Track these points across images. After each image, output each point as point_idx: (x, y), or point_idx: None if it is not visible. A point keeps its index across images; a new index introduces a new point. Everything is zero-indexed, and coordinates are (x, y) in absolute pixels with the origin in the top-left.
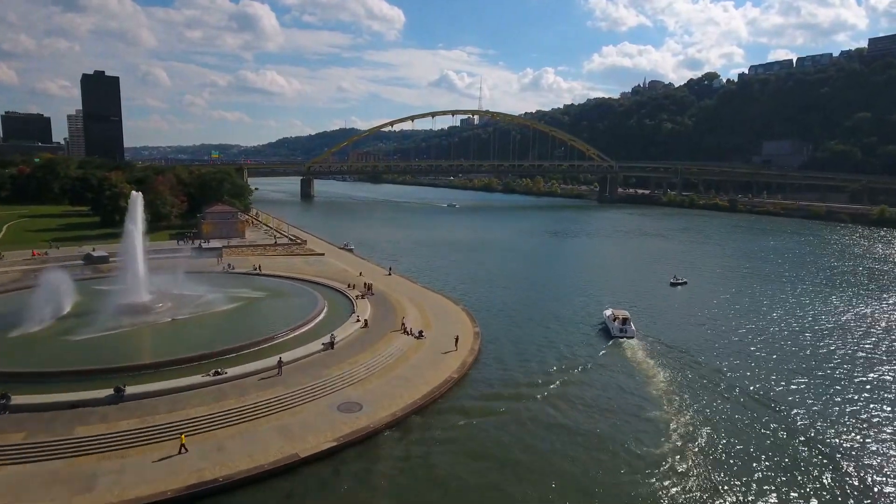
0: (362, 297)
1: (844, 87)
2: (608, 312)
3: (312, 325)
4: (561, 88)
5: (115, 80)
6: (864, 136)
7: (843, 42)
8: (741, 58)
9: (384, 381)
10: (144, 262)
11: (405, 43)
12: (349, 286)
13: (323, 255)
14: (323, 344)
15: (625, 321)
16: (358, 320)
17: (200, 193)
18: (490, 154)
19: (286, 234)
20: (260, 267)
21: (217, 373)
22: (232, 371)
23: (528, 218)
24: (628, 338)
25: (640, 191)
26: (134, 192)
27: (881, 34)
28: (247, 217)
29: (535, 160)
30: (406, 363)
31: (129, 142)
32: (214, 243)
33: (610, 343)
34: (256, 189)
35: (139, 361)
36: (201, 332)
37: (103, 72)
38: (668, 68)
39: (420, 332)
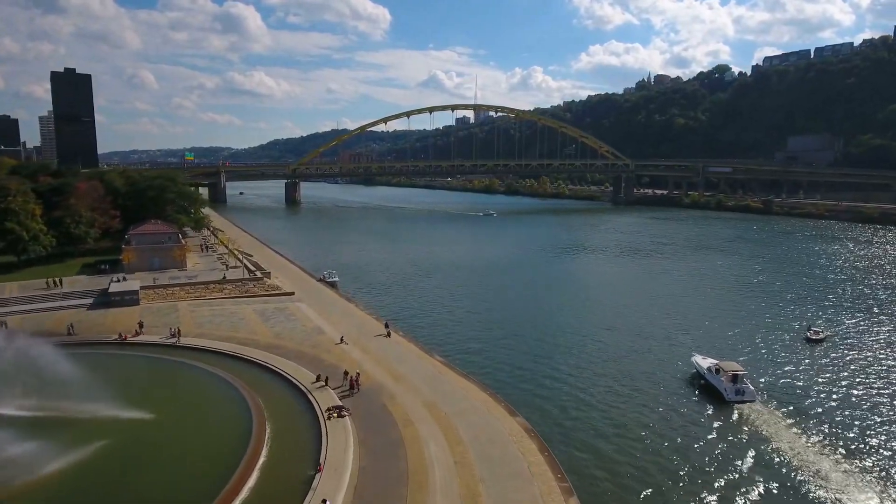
0: (338, 414)
1: (872, 77)
2: (705, 363)
3: None
4: (550, 87)
5: (87, 77)
6: None
7: (830, 38)
8: (727, 55)
9: None
10: None
11: (395, 44)
12: (318, 380)
13: (292, 294)
14: None
15: (735, 377)
16: None
17: (136, 206)
18: (490, 153)
19: (245, 261)
20: (179, 331)
21: None
22: None
23: (540, 225)
24: (747, 401)
25: (657, 191)
26: None
27: (867, 30)
28: (202, 235)
29: (540, 159)
30: None
31: (118, 145)
32: (130, 282)
33: (734, 417)
34: (242, 193)
35: None
36: None
37: (74, 69)
38: (657, 66)
39: None
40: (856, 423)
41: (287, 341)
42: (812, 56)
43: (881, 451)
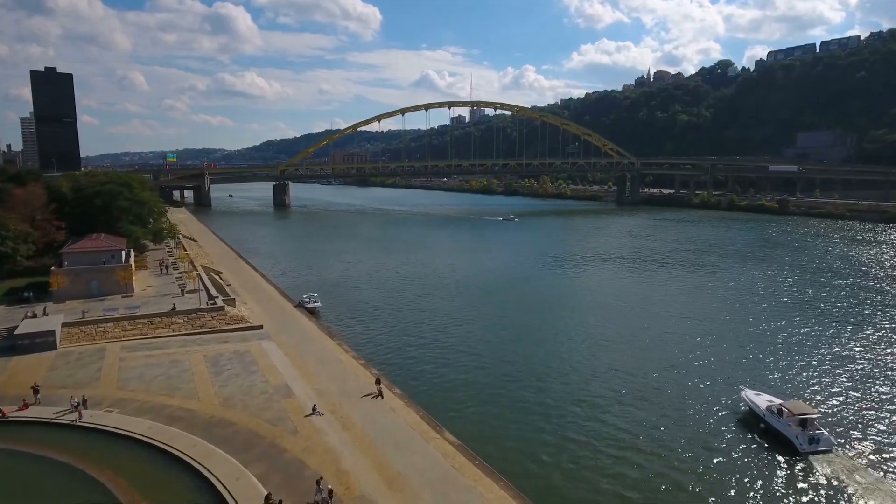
0: None
1: (883, 71)
2: (761, 401)
3: None
4: (543, 87)
5: (68, 77)
6: None
7: (821, 35)
8: (718, 53)
9: None
10: None
11: (388, 44)
12: (268, 500)
13: (260, 328)
14: None
15: (805, 422)
16: None
17: (86, 216)
18: (488, 153)
19: (209, 282)
20: (84, 401)
21: None
22: None
23: (544, 228)
24: (822, 451)
25: (663, 190)
26: None
27: (857, 26)
28: (167, 248)
29: (541, 158)
30: None
31: (110, 148)
32: (49, 318)
33: (818, 477)
34: (231, 196)
35: None
36: None
37: (55, 68)
38: (648, 65)
39: None
40: None
41: (238, 412)
42: (818, 50)
43: None
